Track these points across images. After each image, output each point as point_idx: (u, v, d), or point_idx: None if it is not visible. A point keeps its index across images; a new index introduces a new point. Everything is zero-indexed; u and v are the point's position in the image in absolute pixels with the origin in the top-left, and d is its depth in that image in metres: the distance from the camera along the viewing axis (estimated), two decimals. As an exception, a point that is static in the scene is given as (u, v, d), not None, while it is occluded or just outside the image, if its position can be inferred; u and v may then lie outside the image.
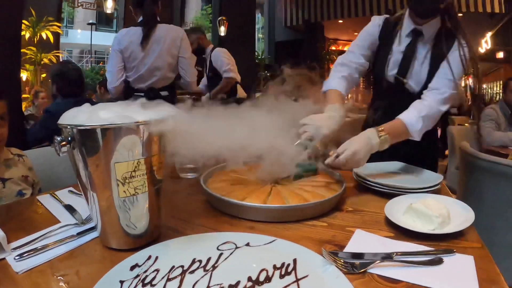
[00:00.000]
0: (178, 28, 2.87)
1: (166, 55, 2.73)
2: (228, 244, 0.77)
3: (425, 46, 1.50)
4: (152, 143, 0.73)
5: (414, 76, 1.51)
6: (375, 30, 1.61)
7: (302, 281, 0.63)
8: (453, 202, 1.01)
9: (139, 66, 2.71)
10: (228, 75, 3.73)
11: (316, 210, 0.97)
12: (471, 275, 0.68)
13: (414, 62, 1.51)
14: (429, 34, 1.48)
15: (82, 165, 0.72)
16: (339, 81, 1.52)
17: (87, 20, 16.52)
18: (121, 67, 2.72)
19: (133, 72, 2.74)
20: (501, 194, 1.66)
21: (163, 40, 2.69)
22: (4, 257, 0.75)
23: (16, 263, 0.73)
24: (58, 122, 0.72)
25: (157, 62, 2.70)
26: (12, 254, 0.76)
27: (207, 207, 1.08)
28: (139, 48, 2.67)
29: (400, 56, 1.53)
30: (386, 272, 0.69)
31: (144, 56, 2.69)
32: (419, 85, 1.51)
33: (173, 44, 2.74)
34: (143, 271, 0.67)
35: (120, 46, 2.68)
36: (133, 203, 0.75)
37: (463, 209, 0.97)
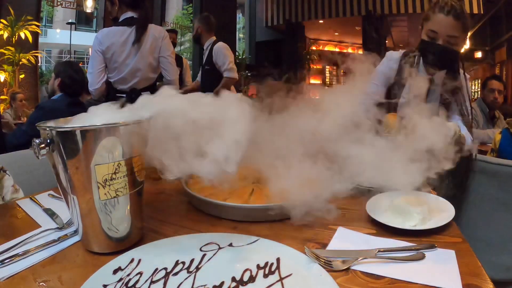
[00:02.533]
0: (160, 28, 2.85)
1: (148, 56, 2.71)
2: (211, 245, 0.76)
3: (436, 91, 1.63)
4: (133, 145, 0.72)
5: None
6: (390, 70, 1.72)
7: (286, 280, 0.63)
8: (434, 198, 1.03)
9: (121, 67, 2.68)
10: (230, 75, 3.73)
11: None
12: (453, 269, 0.69)
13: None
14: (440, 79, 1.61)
15: (61, 168, 0.71)
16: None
17: (67, 19, 16.22)
18: (102, 68, 2.68)
19: (115, 73, 2.71)
20: (481, 190, 1.70)
21: (145, 41, 2.67)
22: None
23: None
24: (37, 124, 0.71)
25: (139, 63, 2.68)
26: None
27: (189, 208, 1.07)
28: (121, 49, 2.64)
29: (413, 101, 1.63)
30: (369, 268, 0.69)
31: (126, 57, 2.66)
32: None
33: (155, 45, 2.73)
34: (126, 274, 0.67)
35: (101, 46, 2.64)
36: (114, 205, 0.74)
37: (444, 205, 0.99)
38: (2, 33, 6.45)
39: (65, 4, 8.71)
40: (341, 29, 12.66)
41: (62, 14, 16.85)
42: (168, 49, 2.82)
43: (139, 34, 2.64)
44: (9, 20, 6.53)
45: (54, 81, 2.59)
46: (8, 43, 6.60)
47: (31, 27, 6.97)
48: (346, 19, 11.03)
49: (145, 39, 2.68)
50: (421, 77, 1.59)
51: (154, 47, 2.73)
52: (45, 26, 16.14)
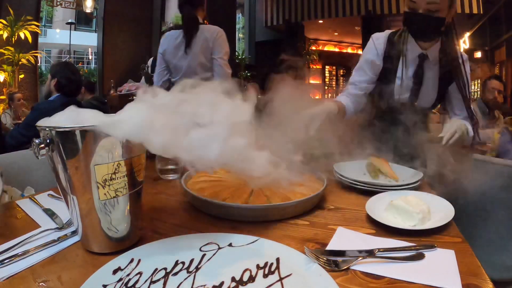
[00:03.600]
0: (213, 28, 2.85)
1: (200, 57, 2.77)
2: (211, 245, 0.77)
3: (432, 68, 1.57)
4: (133, 144, 0.72)
5: (424, 97, 1.61)
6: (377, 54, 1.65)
7: (286, 280, 0.63)
8: (433, 198, 1.03)
9: (177, 69, 2.81)
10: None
11: (298, 208, 0.98)
12: (453, 269, 0.69)
13: (424, 86, 1.59)
14: (434, 55, 1.55)
15: (61, 168, 0.71)
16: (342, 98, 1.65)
17: (66, 19, 16.18)
18: (163, 69, 2.85)
19: (174, 74, 2.85)
20: (482, 190, 1.70)
21: (196, 43, 2.73)
22: None
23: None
24: (37, 124, 0.71)
25: (191, 65, 2.75)
26: None
27: (188, 208, 1.07)
28: (175, 52, 2.77)
29: (409, 81, 1.58)
30: (368, 268, 0.70)
31: (179, 59, 2.77)
32: (429, 103, 1.63)
33: (205, 46, 2.77)
34: (126, 274, 0.67)
35: (161, 49, 2.82)
36: (113, 205, 0.74)
37: (443, 205, 0.99)
38: (2, 33, 6.44)
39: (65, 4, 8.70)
40: (340, 29, 12.63)
41: (61, 14, 16.82)
42: (219, 50, 2.83)
43: (187, 37, 2.72)
44: (9, 20, 6.52)
45: (50, 82, 2.60)
46: (7, 43, 6.60)
47: (30, 27, 6.96)
48: (346, 19, 11.01)
49: (196, 41, 2.73)
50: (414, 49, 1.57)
51: (205, 48, 2.77)
52: (44, 26, 16.12)
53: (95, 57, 14.55)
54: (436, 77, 1.58)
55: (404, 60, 1.57)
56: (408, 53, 1.57)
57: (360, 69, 1.68)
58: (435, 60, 1.56)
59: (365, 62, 1.66)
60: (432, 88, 1.60)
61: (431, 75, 1.58)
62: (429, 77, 1.58)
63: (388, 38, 1.64)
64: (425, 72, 1.57)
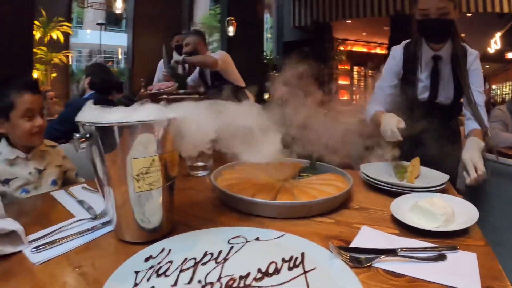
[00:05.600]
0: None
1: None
2: (239, 238, 0.80)
3: (446, 66, 1.70)
4: (167, 141, 0.76)
5: (443, 94, 1.73)
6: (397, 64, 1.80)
7: (310, 274, 0.66)
8: (458, 201, 1.03)
9: None
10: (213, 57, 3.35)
11: (324, 207, 1.00)
12: (473, 271, 0.69)
13: (441, 84, 1.72)
14: (447, 55, 1.69)
15: (99, 161, 0.75)
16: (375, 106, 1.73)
17: (96, 20, 16.57)
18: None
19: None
20: (507, 195, 1.67)
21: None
22: (21, 249, 0.78)
23: (33, 255, 0.76)
24: (77, 119, 0.75)
25: None
26: (29, 246, 0.79)
27: (217, 203, 1.11)
28: None
29: (427, 82, 1.73)
30: (390, 266, 0.71)
31: None
32: (448, 100, 1.73)
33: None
34: (157, 262, 0.70)
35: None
36: (147, 198, 0.78)
37: (468, 208, 0.98)
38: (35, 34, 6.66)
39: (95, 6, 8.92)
40: (369, 29, 12.46)
41: (92, 15, 17.23)
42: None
43: None
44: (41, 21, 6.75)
45: (85, 81, 2.71)
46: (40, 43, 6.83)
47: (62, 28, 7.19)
48: (374, 19, 10.86)
49: None
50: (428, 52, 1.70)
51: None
52: (75, 27, 16.57)
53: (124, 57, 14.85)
54: (451, 74, 1.70)
55: (420, 63, 1.73)
56: (423, 57, 1.73)
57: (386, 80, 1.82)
58: (448, 59, 1.69)
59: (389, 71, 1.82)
60: (449, 85, 1.71)
61: (446, 73, 1.70)
62: (444, 75, 1.71)
63: (404, 47, 1.81)
64: (440, 71, 1.71)
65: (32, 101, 1.39)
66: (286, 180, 1.23)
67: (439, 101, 1.74)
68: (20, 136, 1.39)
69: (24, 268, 0.72)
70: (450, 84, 1.71)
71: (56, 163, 1.53)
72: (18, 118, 1.37)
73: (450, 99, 1.73)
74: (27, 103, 1.37)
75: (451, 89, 1.72)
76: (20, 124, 1.37)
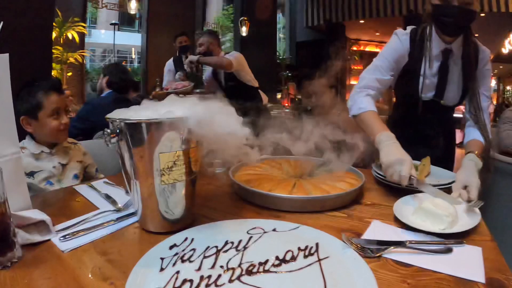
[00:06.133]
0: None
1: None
2: (257, 229, 0.85)
3: (456, 64, 1.51)
4: (191, 137, 0.81)
5: (449, 94, 1.55)
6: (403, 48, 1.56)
7: (324, 261, 0.70)
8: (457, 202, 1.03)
9: None
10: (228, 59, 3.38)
11: (337, 201, 1.05)
12: (478, 264, 0.73)
13: (449, 83, 1.53)
14: (458, 50, 1.50)
15: (127, 156, 0.81)
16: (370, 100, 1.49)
17: (110, 20, 16.76)
18: None
19: None
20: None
21: None
22: (49, 238, 0.83)
23: (61, 243, 0.81)
24: (107, 116, 0.81)
25: None
26: (57, 235, 0.84)
27: (235, 198, 1.16)
28: None
29: (434, 79, 1.53)
30: (399, 257, 0.75)
31: None
32: (454, 101, 1.57)
33: None
34: (181, 250, 0.76)
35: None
36: (171, 191, 0.83)
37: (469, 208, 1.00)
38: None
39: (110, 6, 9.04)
40: (382, 29, 12.38)
41: (105, 15, 17.42)
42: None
43: None
44: (57, 22, 6.86)
45: (102, 80, 2.79)
46: (56, 43, 6.94)
47: (77, 28, 7.30)
48: (387, 19, 10.81)
49: None
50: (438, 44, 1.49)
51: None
52: (89, 27, 16.78)
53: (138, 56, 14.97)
54: (461, 73, 1.52)
55: (428, 56, 1.51)
56: (433, 49, 1.51)
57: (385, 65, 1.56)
58: (458, 54, 1.50)
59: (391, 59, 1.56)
60: (457, 84, 1.53)
61: (455, 71, 1.52)
62: (453, 73, 1.52)
63: (410, 35, 1.57)
64: (450, 68, 1.52)
65: (58, 101, 1.49)
66: (301, 177, 1.28)
67: (444, 102, 1.55)
68: (47, 133, 1.48)
69: (53, 255, 0.77)
70: (459, 86, 1.53)
71: (78, 158, 1.62)
72: (46, 117, 1.46)
73: (455, 100, 1.56)
74: (54, 102, 1.47)
75: (458, 91, 1.54)
76: (48, 123, 1.46)
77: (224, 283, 0.63)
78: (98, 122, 2.46)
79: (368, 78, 1.56)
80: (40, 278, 0.67)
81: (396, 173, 1.13)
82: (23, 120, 1.45)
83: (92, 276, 0.68)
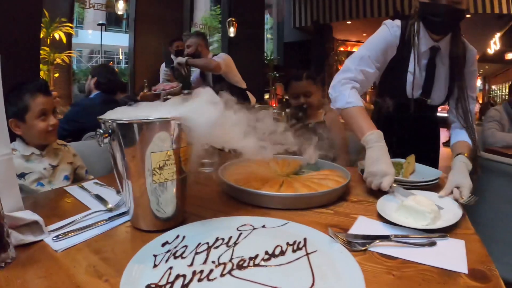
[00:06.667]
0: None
1: None
2: (247, 226, 0.87)
3: (443, 63, 1.52)
4: (181, 137, 0.84)
5: (436, 93, 1.56)
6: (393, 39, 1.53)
7: (312, 255, 0.73)
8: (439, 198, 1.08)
9: None
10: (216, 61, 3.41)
11: (323, 199, 1.08)
12: (461, 256, 0.76)
13: (436, 82, 1.54)
14: (445, 48, 1.50)
15: (119, 156, 0.83)
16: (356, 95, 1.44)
17: (97, 20, 16.66)
18: None
19: None
20: (500, 191, 1.73)
21: None
22: (42, 238, 0.84)
23: (54, 243, 0.82)
24: (100, 117, 0.83)
25: None
26: (50, 235, 0.85)
27: (224, 197, 1.18)
28: None
29: (420, 76, 1.52)
30: (384, 250, 0.78)
31: None
32: (440, 100, 1.58)
33: None
34: (173, 247, 0.77)
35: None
36: (163, 190, 0.85)
37: (450, 203, 1.04)
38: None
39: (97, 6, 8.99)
40: (369, 30, 12.47)
41: (92, 16, 17.32)
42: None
43: None
44: (44, 22, 6.81)
45: (91, 81, 2.79)
46: (43, 44, 6.88)
47: (65, 28, 7.25)
48: (374, 20, 10.94)
49: None
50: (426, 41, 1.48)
51: None
52: (76, 27, 16.63)
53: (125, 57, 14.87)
54: (447, 72, 1.52)
55: (416, 53, 1.49)
56: (421, 46, 1.49)
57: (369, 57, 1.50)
58: (446, 52, 1.50)
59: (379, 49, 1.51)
60: (444, 83, 1.54)
61: (442, 69, 1.52)
62: (440, 72, 1.52)
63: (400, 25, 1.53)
64: (437, 67, 1.52)
65: (45, 102, 1.50)
66: (288, 176, 1.31)
67: (430, 102, 1.57)
68: (36, 135, 1.49)
69: (46, 255, 0.78)
70: (446, 84, 1.54)
71: (68, 160, 1.63)
72: (33, 119, 1.47)
73: (441, 99, 1.58)
74: (41, 104, 1.48)
75: (444, 89, 1.55)
76: (35, 124, 1.47)
77: (216, 277, 0.65)
78: (86, 124, 2.45)
79: (354, 69, 1.48)
80: (35, 278, 0.68)
81: (375, 184, 1.15)
82: (11, 123, 1.45)
83: (87, 273, 0.69)
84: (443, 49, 1.50)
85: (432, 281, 0.67)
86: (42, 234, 0.85)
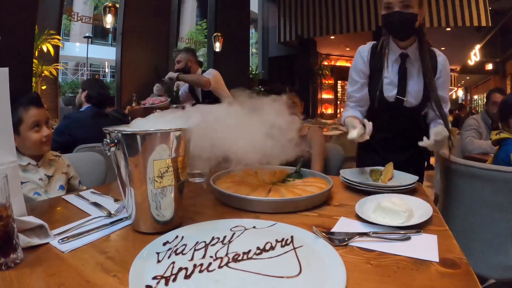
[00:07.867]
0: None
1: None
2: (239, 227, 0.96)
3: (414, 65, 1.74)
4: (180, 146, 0.93)
5: (412, 93, 1.74)
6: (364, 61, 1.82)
7: (298, 249, 0.82)
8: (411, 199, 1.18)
9: None
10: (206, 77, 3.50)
11: (308, 203, 1.17)
12: (433, 248, 0.85)
13: (409, 81, 1.74)
14: (414, 55, 1.72)
15: (123, 164, 0.91)
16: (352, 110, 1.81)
17: (83, 33, 16.63)
18: None
19: None
20: (476, 194, 1.83)
21: None
22: (48, 241, 0.89)
23: (60, 245, 0.87)
24: (105, 128, 0.91)
25: None
26: (55, 239, 0.91)
27: (216, 203, 1.27)
28: None
29: (394, 78, 1.75)
30: (363, 244, 0.87)
31: None
32: (418, 100, 1.75)
33: None
34: (174, 245, 0.86)
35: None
36: (163, 195, 0.94)
37: (421, 203, 1.14)
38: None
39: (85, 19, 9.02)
40: (352, 44, 12.79)
41: (79, 28, 17.28)
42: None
43: None
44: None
45: (81, 94, 2.85)
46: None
47: (53, 40, 7.26)
48: (357, 34, 11.20)
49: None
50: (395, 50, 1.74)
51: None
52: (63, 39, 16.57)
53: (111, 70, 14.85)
54: (420, 74, 1.73)
55: (387, 61, 1.75)
56: (391, 54, 1.75)
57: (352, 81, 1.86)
58: (415, 58, 1.72)
59: (355, 72, 1.85)
60: (418, 84, 1.73)
61: (414, 72, 1.73)
62: (413, 74, 1.74)
63: (371, 47, 1.83)
64: (408, 69, 1.74)
65: (37, 114, 1.55)
66: (275, 184, 1.41)
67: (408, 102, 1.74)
68: (31, 146, 1.54)
69: (54, 255, 0.83)
70: (420, 84, 1.73)
71: (63, 170, 1.69)
72: (26, 130, 1.52)
73: (419, 99, 1.74)
74: (34, 116, 1.54)
75: (420, 89, 1.73)
76: (29, 136, 1.53)
77: (215, 268, 0.74)
78: (78, 136, 2.50)
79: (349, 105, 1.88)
80: (45, 275, 0.74)
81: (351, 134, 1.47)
82: None
83: (95, 270, 0.76)
84: (412, 54, 1.72)
85: (406, 268, 0.76)
86: (47, 237, 0.90)
